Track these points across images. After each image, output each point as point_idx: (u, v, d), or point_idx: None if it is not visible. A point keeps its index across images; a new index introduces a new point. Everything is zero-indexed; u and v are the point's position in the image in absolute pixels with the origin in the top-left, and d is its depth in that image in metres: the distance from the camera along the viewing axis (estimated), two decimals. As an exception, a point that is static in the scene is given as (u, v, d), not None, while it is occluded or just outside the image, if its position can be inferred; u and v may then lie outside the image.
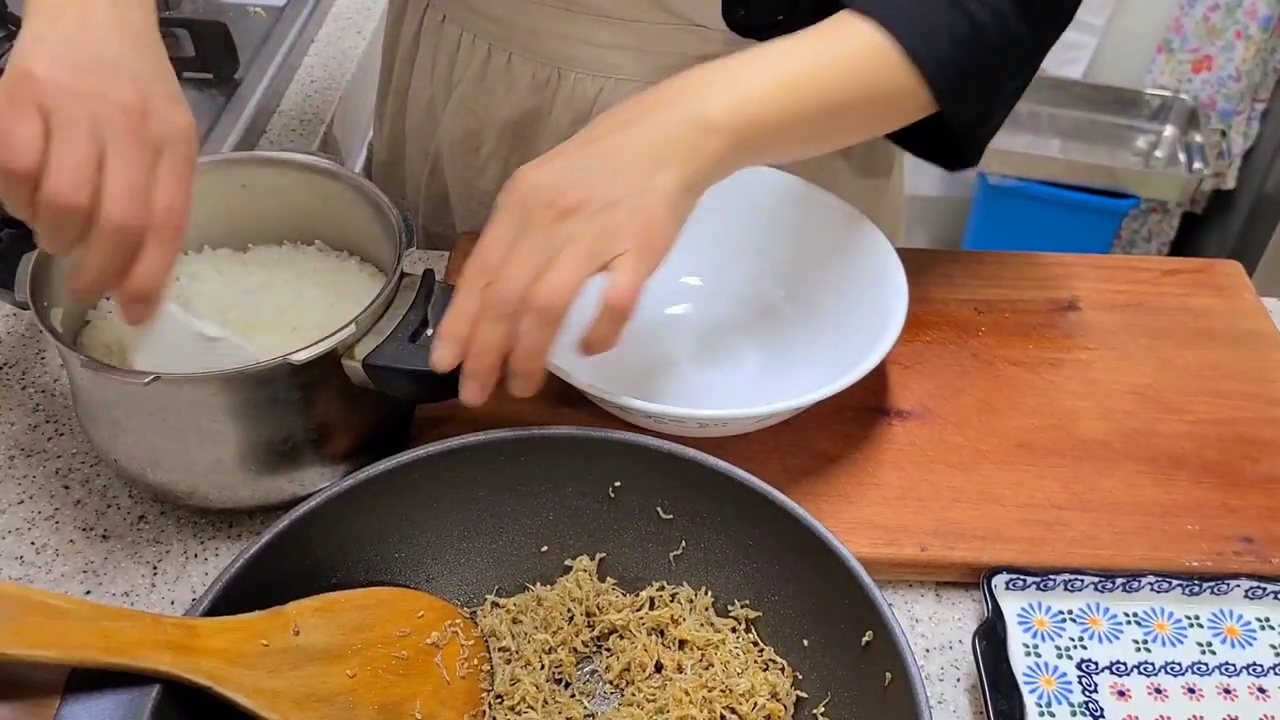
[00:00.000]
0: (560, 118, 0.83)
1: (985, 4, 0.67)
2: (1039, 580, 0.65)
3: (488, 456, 0.62)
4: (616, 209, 0.59)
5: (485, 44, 0.83)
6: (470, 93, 0.86)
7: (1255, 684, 0.63)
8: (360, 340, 0.64)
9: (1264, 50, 2.03)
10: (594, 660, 0.63)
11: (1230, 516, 0.70)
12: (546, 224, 0.58)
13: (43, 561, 0.68)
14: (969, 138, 0.72)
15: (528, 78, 0.82)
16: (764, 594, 0.62)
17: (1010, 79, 0.72)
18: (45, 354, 0.81)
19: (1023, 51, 0.71)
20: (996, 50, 0.68)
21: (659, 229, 0.60)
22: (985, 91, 0.70)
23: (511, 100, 0.84)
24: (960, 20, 0.67)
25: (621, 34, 0.78)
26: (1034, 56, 0.72)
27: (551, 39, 0.80)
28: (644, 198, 0.59)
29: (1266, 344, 0.83)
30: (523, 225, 0.59)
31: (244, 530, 0.70)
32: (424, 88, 0.90)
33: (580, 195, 0.59)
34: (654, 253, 0.59)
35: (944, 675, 0.65)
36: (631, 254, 0.58)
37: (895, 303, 0.72)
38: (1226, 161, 2.10)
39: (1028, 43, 0.70)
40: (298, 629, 0.55)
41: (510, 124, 0.85)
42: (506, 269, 0.58)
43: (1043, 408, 0.77)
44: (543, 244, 0.58)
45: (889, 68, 0.66)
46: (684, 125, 0.61)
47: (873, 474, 0.72)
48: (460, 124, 0.88)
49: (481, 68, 0.84)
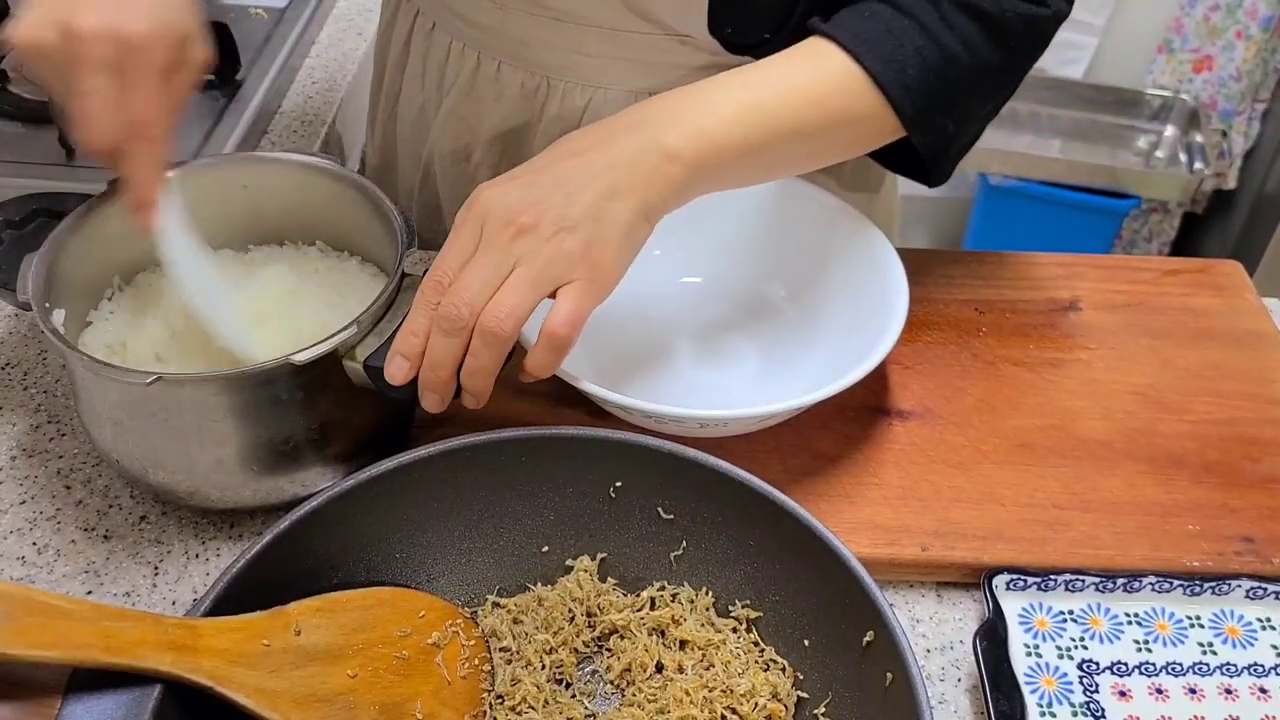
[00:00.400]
0: (550, 127, 0.82)
1: (956, 33, 0.68)
2: (1040, 580, 0.65)
3: (488, 457, 0.62)
4: (571, 234, 0.60)
5: (475, 52, 0.83)
6: (460, 101, 0.86)
7: (1256, 684, 0.63)
8: (361, 341, 0.64)
9: (1264, 50, 2.03)
10: (595, 660, 0.63)
11: (1231, 516, 0.70)
12: (502, 242, 0.60)
13: (44, 562, 0.68)
14: (936, 159, 0.73)
15: (517, 86, 0.82)
16: (765, 594, 0.62)
17: (983, 103, 0.73)
18: (47, 354, 0.81)
19: (995, 78, 0.71)
20: (967, 78, 0.69)
21: (610, 259, 0.61)
22: (954, 117, 0.71)
23: (501, 109, 0.84)
24: (930, 48, 0.67)
25: (610, 44, 0.77)
26: (1008, 81, 0.73)
27: (541, 48, 0.79)
28: (598, 225, 0.61)
29: (1267, 344, 0.83)
30: (479, 241, 0.61)
31: (245, 530, 0.70)
32: (415, 94, 0.90)
33: (536, 215, 0.60)
34: (602, 283, 0.61)
35: (945, 675, 0.65)
36: (580, 283, 0.60)
37: (896, 303, 0.72)
38: (1227, 161, 2.10)
39: (1000, 69, 0.71)
40: (299, 629, 0.55)
41: (500, 134, 0.85)
42: (456, 285, 0.60)
43: (1043, 408, 0.77)
44: (496, 261, 0.60)
45: (856, 94, 0.67)
46: (644, 152, 0.62)
47: (873, 474, 0.72)
48: (451, 132, 0.88)
49: (471, 76, 0.84)
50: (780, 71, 0.68)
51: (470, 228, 0.61)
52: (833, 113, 0.67)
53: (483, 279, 0.60)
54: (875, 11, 0.69)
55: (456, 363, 0.61)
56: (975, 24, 0.68)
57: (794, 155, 0.69)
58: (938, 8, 0.68)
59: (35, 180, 0.97)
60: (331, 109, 1.13)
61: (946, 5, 0.68)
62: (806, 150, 0.69)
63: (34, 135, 1.03)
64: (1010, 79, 0.73)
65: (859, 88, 0.67)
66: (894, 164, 0.76)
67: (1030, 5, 0.69)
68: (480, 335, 0.59)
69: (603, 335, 0.76)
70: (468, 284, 0.60)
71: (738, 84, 0.67)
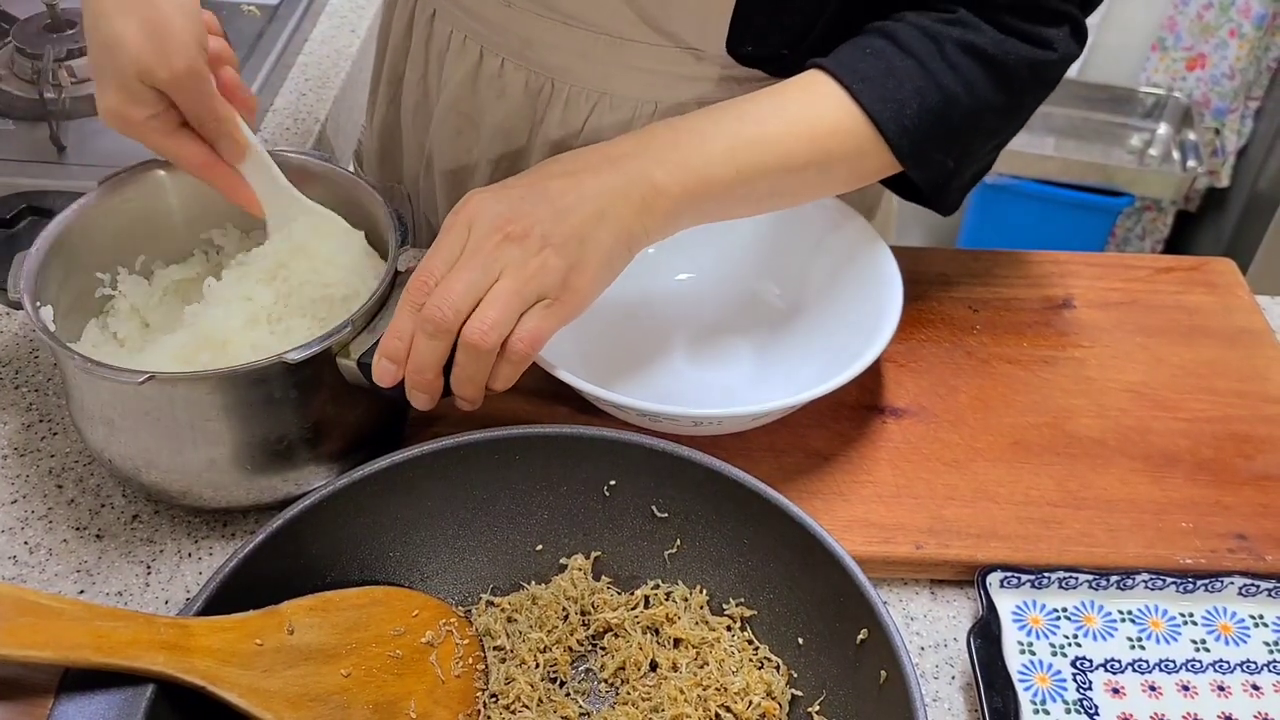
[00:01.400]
0: (551, 131, 0.82)
1: (959, 75, 0.67)
2: (1034, 578, 0.65)
3: (482, 455, 0.62)
4: (556, 253, 0.61)
5: (478, 46, 0.83)
6: (462, 95, 0.85)
7: (1249, 681, 0.63)
8: (355, 339, 0.64)
9: (1257, 48, 2.04)
10: (589, 659, 0.63)
11: (1224, 514, 0.71)
12: (489, 247, 0.61)
13: (36, 561, 0.68)
14: (937, 194, 0.73)
15: (520, 86, 0.82)
16: (759, 592, 0.62)
17: (985, 142, 0.72)
18: (39, 353, 0.81)
19: (997, 118, 0.71)
20: (968, 118, 0.69)
21: (586, 284, 0.62)
22: (954, 154, 0.71)
23: (504, 107, 0.84)
24: (930, 88, 0.67)
25: (618, 52, 0.77)
26: (1012, 121, 0.72)
27: (545, 49, 0.79)
28: (582, 248, 0.62)
29: (1260, 342, 0.83)
30: (465, 246, 0.61)
31: (238, 529, 0.70)
32: (417, 80, 0.90)
33: (525, 226, 0.61)
34: (573, 307, 0.63)
35: (939, 673, 0.65)
36: (553, 304, 0.61)
37: (890, 301, 0.72)
38: (1220, 159, 2.10)
39: (1004, 111, 0.70)
40: (292, 628, 0.55)
41: (501, 129, 0.85)
42: (441, 288, 0.61)
43: (1037, 405, 0.77)
44: (481, 265, 0.61)
45: (851, 132, 0.67)
46: (636, 183, 0.63)
47: (868, 472, 0.72)
48: (452, 126, 0.88)
49: (473, 70, 0.84)
50: (776, 106, 0.68)
51: (458, 231, 0.62)
52: (827, 150, 0.67)
53: (467, 282, 0.60)
54: (878, 49, 0.68)
55: (441, 364, 0.61)
56: (978, 66, 0.68)
57: (787, 189, 0.69)
58: (941, 48, 0.67)
59: (25, 178, 0.96)
60: (324, 106, 1.12)
61: (950, 46, 0.67)
62: (800, 185, 0.69)
63: (24, 132, 1.03)
64: (1015, 119, 0.72)
65: (855, 126, 0.67)
66: (904, 192, 0.76)
67: (1035, 49, 0.69)
68: (464, 348, 0.60)
69: (597, 333, 0.76)
70: (452, 287, 0.60)
71: (733, 117, 0.67)
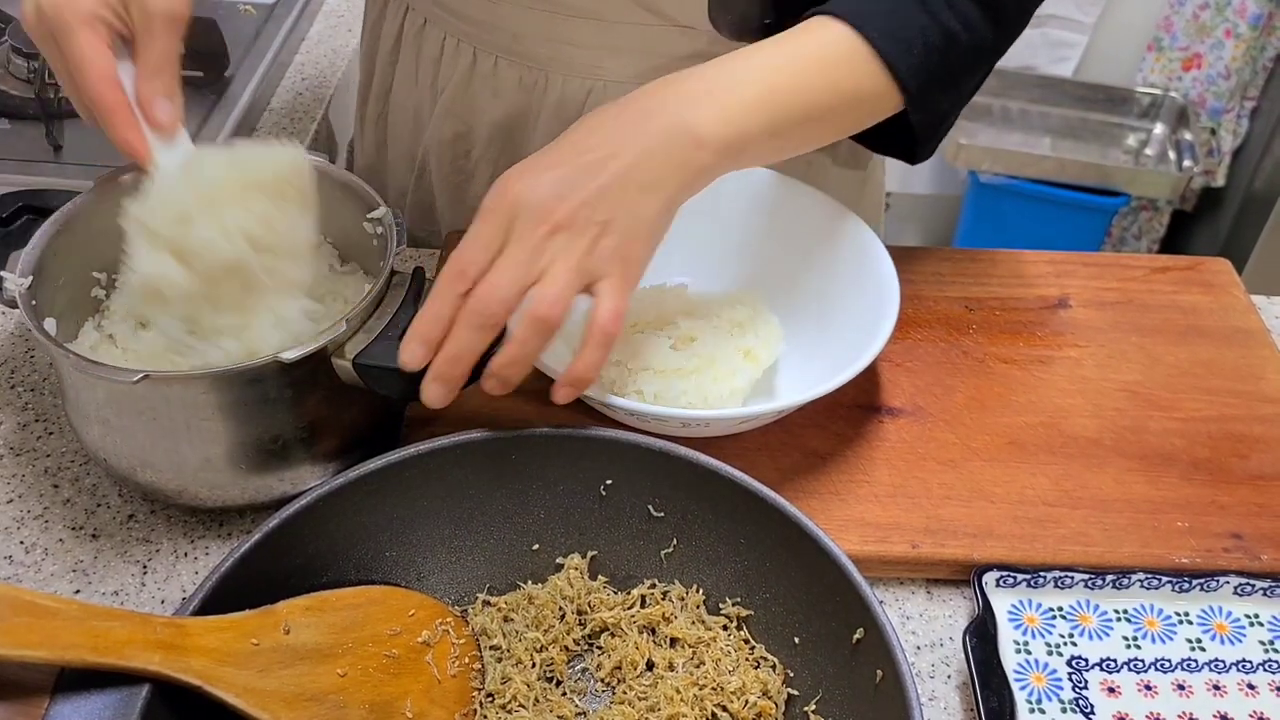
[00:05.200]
0: (549, 122, 0.82)
1: (957, 12, 0.68)
2: (1029, 577, 0.65)
3: (478, 455, 0.62)
4: (605, 232, 0.60)
5: (470, 48, 0.83)
6: (457, 97, 0.85)
7: (1244, 680, 0.63)
8: (350, 338, 0.64)
9: (1253, 48, 2.04)
10: (585, 658, 0.63)
11: (1220, 513, 0.71)
12: (536, 238, 0.59)
13: (32, 561, 0.68)
14: (928, 136, 0.73)
15: (514, 80, 0.82)
16: (755, 592, 0.62)
17: (971, 81, 0.73)
18: (34, 352, 0.80)
19: (987, 56, 0.72)
20: (965, 57, 0.69)
21: (640, 254, 0.62)
22: (951, 96, 0.71)
23: (500, 104, 0.84)
24: (932, 27, 0.67)
25: (607, 35, 0.77)
26: (995, 58, 0.73)
27: (537, 41, 0.79)
28: (632, 222, 0.61)
29: (1256, 341, 0.83)
30: (508, 233, 0.60)
31: (234, 529, 0.70)
32: (408, 93, 0.90)
33: (570, 211, 0.60)
34: (634, 278, 0.62)
35: (935, 672, 0.65)
36: (615, 279, 0.61)
37: (887, 301, 0.72)
38: (1216, 159, 2.10)
39: (992, 49, 0.71)
40: (288, 628, 0.55)
41: (499, 127, 0.85)
42: (491, 278, 0.59)
43: (1033, 405, 0.77)
44: (528, 256, 0.59)
45: (864, 73, 0.67)
46: (675, 139, 0.62)
47: (864, 471, 0.72)
48: (448, 128, 0.87)
49: (468, 72, 0.84)
50: (795, 51, 0.67)
51: (498, 219, 0.60)
52: (843, 93, 0.67)
53: (515, 276, 0.59)
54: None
55: (478, 357, 0.60)
56: (973, 3, 0.68)
57: (808, 134, 0.69)
58: None
59: (21, 177, 0.96)
60: (321, 105, 1.12)
61: None
62: (817, 129, 0.69)
63: (19, 131, 1.02)
64: (995, 58, 0.73)
65: (866, 66, 0.67)
66: (876, 144, 0.76)
67: None
68: (532, 323, 0.59)
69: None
70: (500, 280, 0.59)
71: (759, 64, 0.66)
